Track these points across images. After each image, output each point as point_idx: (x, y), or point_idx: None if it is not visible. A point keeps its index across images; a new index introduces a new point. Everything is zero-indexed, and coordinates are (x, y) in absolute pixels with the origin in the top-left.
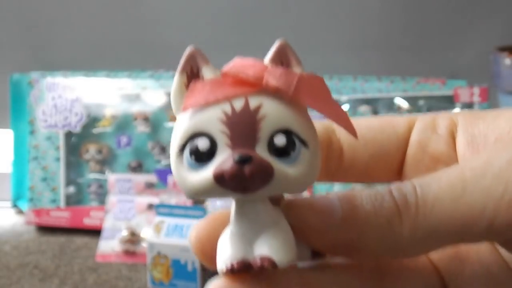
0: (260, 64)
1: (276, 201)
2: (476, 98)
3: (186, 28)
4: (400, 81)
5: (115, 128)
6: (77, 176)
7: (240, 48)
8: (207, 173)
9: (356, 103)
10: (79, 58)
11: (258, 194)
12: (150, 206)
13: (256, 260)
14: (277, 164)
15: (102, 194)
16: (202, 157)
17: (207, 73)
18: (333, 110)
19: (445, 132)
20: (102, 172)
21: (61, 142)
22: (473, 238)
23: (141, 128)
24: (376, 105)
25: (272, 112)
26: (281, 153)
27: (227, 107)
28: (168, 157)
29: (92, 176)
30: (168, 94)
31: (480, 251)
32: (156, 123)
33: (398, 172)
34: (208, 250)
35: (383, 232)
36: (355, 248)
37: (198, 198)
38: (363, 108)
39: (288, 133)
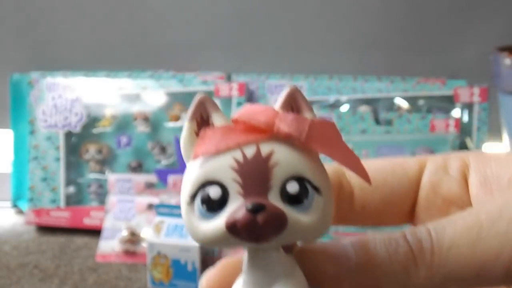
0: (270, 110)
1: (289, 249)
2: (476, 98)
3: (186, 28)
4: (400, 81)
5: (115, 128)
6: (77, 176)
7: (240, 48)
8: (219, 222)
9: (356, 103)
10: (79, 58)
11: (271, 243)
12: (150, 206)
13: None
14: (291, 212)
15: (102, 194)
16: (213, 206)
17: (217, 120)
18: (345, 156)
19: (457, 173)
20: (102, 172)
21: (61, 142)
22: (490, 283)
23: (141, 128)
24: (376, 105)
25: (284, 159)
26: (294, 200)
27: (238, 155)
28: (168, 157)
29: (92, 176)
30: (168, 94)
31: None
32: (156, 123)
33: (410, 214)
34: None
35: (399, 278)
36: None
37: (210, 247)
38: (363, 108)
39: (300, 180)
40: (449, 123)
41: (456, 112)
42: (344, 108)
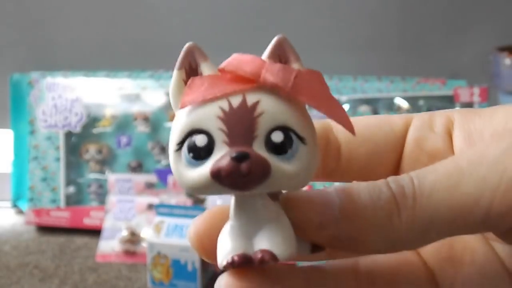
0: (258, 60)
1: (275, 196)
2: (476, 98)
3: (186, 28)
4: (400, 81)
5: (115, 128)
6: (77, 176)
7: (240, 48)
8: (204, 169)
9: (356, 103)
10: (79, 58)
11: (256, 191)
12: (150, 206)
13: (256, 254)
14: (275, 161)
15: (102, 194)
16: (200, 154)
17: (205, 69)
18: (331, 107)
19: (441, 129)
20: (102, 172)
21: (61, 142)
22: (471, 227)
23: (141, 128)
24: (376, 105)
25: (269, 108)
26: (278, 150)
27: (224, 104)
28: (168, 157)
29: (92, 176)
30: (168, 94)
31: (474, 251)
32: (156, 123)
33: (395, 170)
34: (208, 245)
35: (382, 223)
36: (354, 241)
37: (197, 194)
38: (363, 108)
39: (285, 129)
40: None
41: None
42: (344, 108)
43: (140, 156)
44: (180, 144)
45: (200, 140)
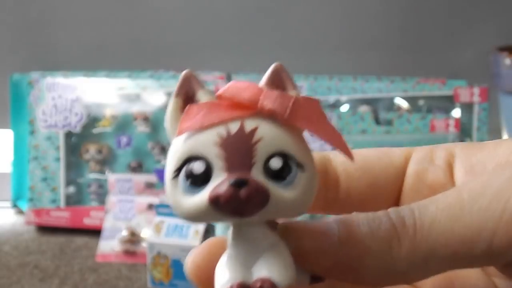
0: (255, 87)
1: (273, 225)
2: (476, 98)
3: (186, 28)
4: (400, 81)
5: (115, 128)
6: (77, 176)
7: (240, 48)
8: (202, 196)
9: (356, 103)
10: (79, 58)
11: (254, 218)
12: (150, 206)
13: (256, 283)
14: (273, 188)
15: (102, 194)
16: (197, 181)
17: (202, 96)
18: (329, 133)
19: (442, 162)
20: (102, 172)
21: (61, 142)
22: (472, 260)
23: (141, 128)
24: (376, 105)
25: (267, 135)
26: (277, 176)
27: (222, 131)
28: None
29: (92, 176)
30: (168, 94)
31: (473, 286)
32: (156, 123)
33: (395, 203)
34: (205, 276)
35: (381, 254)
36: (353, 271)
37: (194, 222)
38: (363, 108)
39: (284, 156)
40: (449, 123)
41: (456, 112)
42: (344, 108)
43: (140, 156)
44: (177, 171)
45: (197, 167)
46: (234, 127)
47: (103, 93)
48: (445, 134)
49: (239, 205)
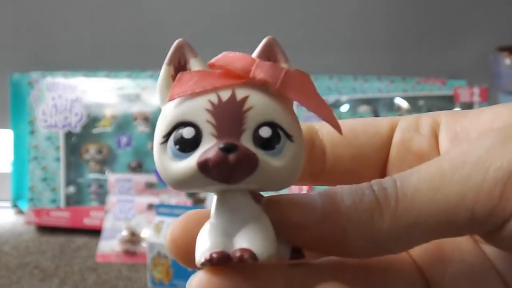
0: (248, 57)
1: (257, 199)
2: (476, 98)
3: (186, 28)
4: (400, 81)
5: (115, 128)
6: (77, 176)
7: (240, 48)
8: (191, 161)
9: (356, 103)
10: (79, 58)
11: (241, 185)
12: (150, 206)
13: (235, 252)
14: (262, 155)
15: (102, 194)
16: (186, 146)
17: (194, 65)
18: (319, 105)
19: (428, 131)
20: (102, 172)
21: (61, 142)
22: (455, 229)
23: (141, 128)
24: (376, 105)
25: (258, 104)
26: (265, 145)
27: (213, 97)
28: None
29: (92, 176)
30: None
31: (463, 251)
32: (156, 123)
33: (381, 173)
34: (184, 248)
35: (364, 226)
36: (336, 243)
37: (181, 188)
38: (363, 108)
39: (273, 125)
40: None
41: None
42: (344, 108)
43: (140, 156)
44: (166, 136)
45: (187, 132)
46: (225, 94)
47: (103, 93)
48: None
49: (227, 169)
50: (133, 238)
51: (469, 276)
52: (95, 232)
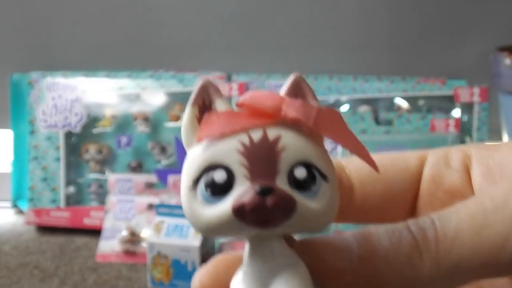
0: (277, 95)
1: (290, 242)
2: (476, 98)
3: (186, 28)
4: (400, 81)
5: (115, 128)
6: (77, 176)
7: (240, 48)
8: (225, 206)
9: (356, 103)
10: (79, 58)
11: (278, 229)
12: (150, 206)
13: None
14: (299, 197)
15: (102, 194)
16: (218, 191)
17: (220, 105)
18: (352, 143)
19: (458, 165)
20: (102, 172)
21: (61, 142)
22: (499, 270)
23: (141, 128)
24: (376, 105)
25: (291, 143)
26: (301, 186)
27: (245, 138)
28: (168, 157)
29: (92, 176)
30: (168, 94)
31: (502, 285)
32: (156, 123)
33: (412, 209)
34: None
35: (403, 270)
36: (373, 287)
37: (213, 235)
38: (363, 108)
39: (308, 166)
40: (449, 123)
41: (456, 112)
42: (344, 108)
43: (140, 156)
44: (196, 180)
45: (219, 175)
46: (257, 135)
47: (103, 93)
48: (445, 134)
49: (265, 213)
50: (133, 238)
51: None
52: (95, 232)
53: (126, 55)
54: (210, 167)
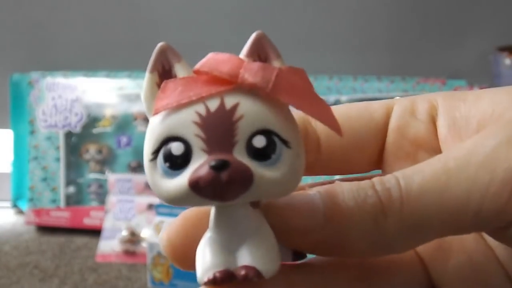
0: (235, 59)
1: (256, 204)
2: None
3: (186, 28)
4: (400, 81)
5: (115, 128)
6: (77, 176)
7: (240, 48)
8: (182, 180)
9: None
10: (79, 58)
11: (237, 201)
12: (150, 206)
13: (239, 270)
14: (257, 168)
15: (102, 194)
16: (176, 163)
17: (180, 71)
18: (315, 107)
19: (425, 116)
20: (102, 172)
21: (61, 142)
22: (460, 230)
23: (141, 128)
24: None
25: (250, 111)
26: (261, 155)
27: (201, 108)
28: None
29: (92, 176)
30: None
31: (464, 240)
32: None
33: (378, 160)
34: (181, 253)
35: (368, 229)
36: (340, 247)
37: (175, 205)
38: None
39: (267, 133)
40: None
41: None
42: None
43: (140, 156)
44: (155, 153)
45: (176, 148)
46: (213, 104)
47: (103, 93)
48: None
49: (220, 188)
50: (133, 238)
51: (471, 266)
52: (95, 232)
53: (126, 55)
54: (168, 139)
